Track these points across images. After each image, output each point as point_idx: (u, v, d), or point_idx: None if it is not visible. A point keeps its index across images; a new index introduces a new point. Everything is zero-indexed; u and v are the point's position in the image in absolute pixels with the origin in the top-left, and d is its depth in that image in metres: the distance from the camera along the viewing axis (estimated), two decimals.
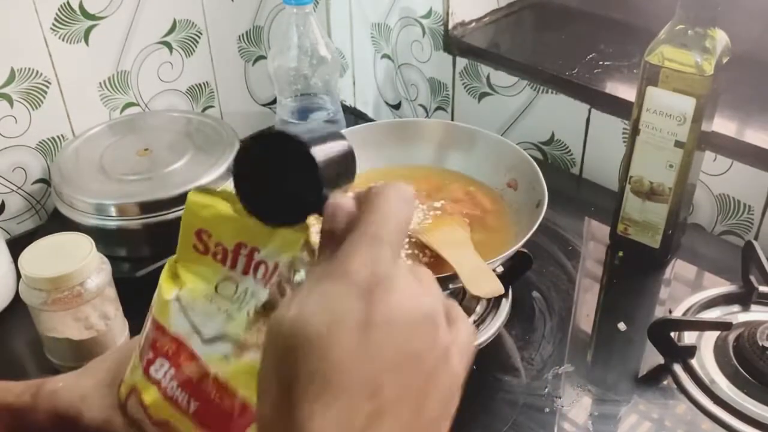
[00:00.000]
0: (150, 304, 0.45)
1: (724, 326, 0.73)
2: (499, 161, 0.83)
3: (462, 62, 1.08)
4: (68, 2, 0.90)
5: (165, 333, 0.43)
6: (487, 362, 0.74)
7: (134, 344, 0.46)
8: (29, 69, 0.90)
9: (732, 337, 0.73)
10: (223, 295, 0.42)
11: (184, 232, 0.44)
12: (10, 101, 0.90)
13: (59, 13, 0.90)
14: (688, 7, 0.72)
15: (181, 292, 0.43)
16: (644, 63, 0.75)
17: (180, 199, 0.85)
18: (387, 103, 1.24)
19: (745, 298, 0.77)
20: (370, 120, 1.25)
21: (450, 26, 1.07)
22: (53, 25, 0.90)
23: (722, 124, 0.84)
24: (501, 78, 1.05)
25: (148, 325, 0.45)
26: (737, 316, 0.76)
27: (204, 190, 0.44)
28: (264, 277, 0.40)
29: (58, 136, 0.96)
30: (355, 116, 1.26)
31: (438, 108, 1.16)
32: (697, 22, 0.72)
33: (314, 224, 0.38)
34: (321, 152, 0.36)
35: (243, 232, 0.41)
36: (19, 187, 0.96)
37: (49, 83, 0.93)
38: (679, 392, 0.70)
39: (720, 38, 0.72)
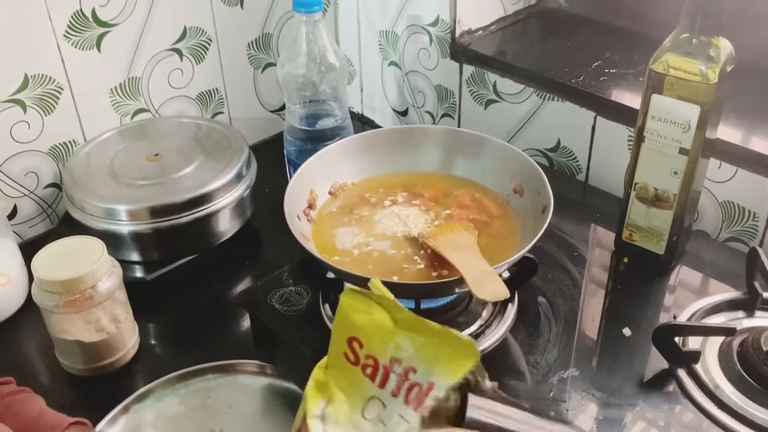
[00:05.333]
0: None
1: (728, 331, 0.73)
2: (505, 167, 0.84)
3: (469, 70, 1.09)
4: (81, 10, 0.92)
5: None
6: (493, 366, 0.74)
7: None
8: (42, 75, 0.92)
9: (736, 342, 0.73)
10: (369, 419, 0.40)
11: (336, 337, 0.41)
12: (24, 107, 0.91)
13: (72, 21, 0.92)
14: (692, 16, 0.72)
15: (327, 409, 0.41)
16: (649, 71, 0.76)
17: (189, 204, 0.86)
18: (394, 110, 1.25)
19: (749, 304, 0.78)
20: (378, 127, 1.26)
21: (457, 34, 1.08)
22: (66, 32, 0.92)
23: (727, 132, 0.85)
24: (507, 85, 1.06)
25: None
26: (742, 321, 0.77)
27: (360, 292, 0.41)
28: (416, 400, 0.38)
29: (69, 142, 0.98)
30: (362, 123, 1.28)
31: (445, 115, 1.17)
32: (702, 30, 0.72)
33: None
34: None
35: (399, 349, 0.39)
36: (31, 192, 0.97)
37: (62, 89, 0.94)
38: (683, 397, 0.70)
39: (724, 47, 0.73)
